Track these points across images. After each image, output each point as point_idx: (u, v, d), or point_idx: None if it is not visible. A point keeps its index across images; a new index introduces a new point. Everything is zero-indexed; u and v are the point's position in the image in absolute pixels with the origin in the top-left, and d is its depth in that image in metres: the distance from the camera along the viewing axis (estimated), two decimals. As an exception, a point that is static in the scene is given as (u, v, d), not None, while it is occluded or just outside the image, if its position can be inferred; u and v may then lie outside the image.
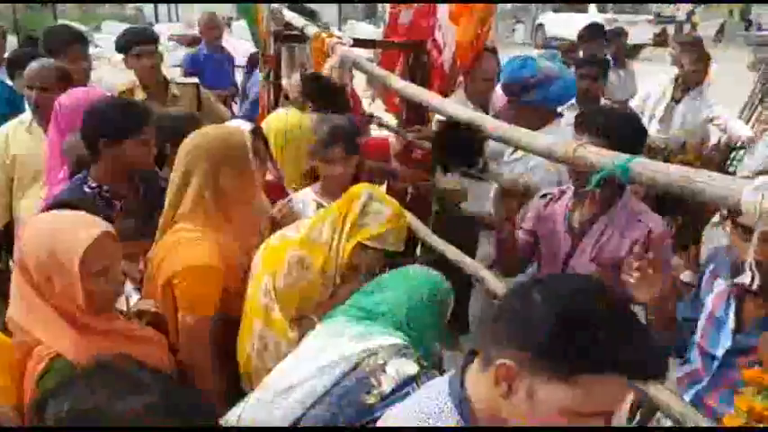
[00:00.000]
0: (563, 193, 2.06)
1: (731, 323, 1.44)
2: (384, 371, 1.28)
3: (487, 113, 3.21)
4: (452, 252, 2.23)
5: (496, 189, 2.10)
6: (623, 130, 1.77)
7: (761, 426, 1.15)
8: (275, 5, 3.37)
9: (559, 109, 3.51)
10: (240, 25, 16.42)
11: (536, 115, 2.45)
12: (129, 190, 2.07)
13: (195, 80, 3.51)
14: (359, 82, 3.27)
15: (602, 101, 3.47)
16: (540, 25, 20.85)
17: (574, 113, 3.37)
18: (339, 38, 3.01)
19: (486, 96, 3.24)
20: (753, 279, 1.16)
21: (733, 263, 1.48)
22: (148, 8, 20.39)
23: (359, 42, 3.20)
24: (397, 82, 2.41)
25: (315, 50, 3.06)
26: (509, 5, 22.95)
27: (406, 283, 1.49)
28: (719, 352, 1.44)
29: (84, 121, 1.99)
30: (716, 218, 3.01)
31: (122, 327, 1.52)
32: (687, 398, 1.48)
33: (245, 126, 2.31)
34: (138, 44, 3.15)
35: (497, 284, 2.00)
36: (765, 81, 3.90)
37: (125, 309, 1.74)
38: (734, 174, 3.01)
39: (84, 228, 1.38)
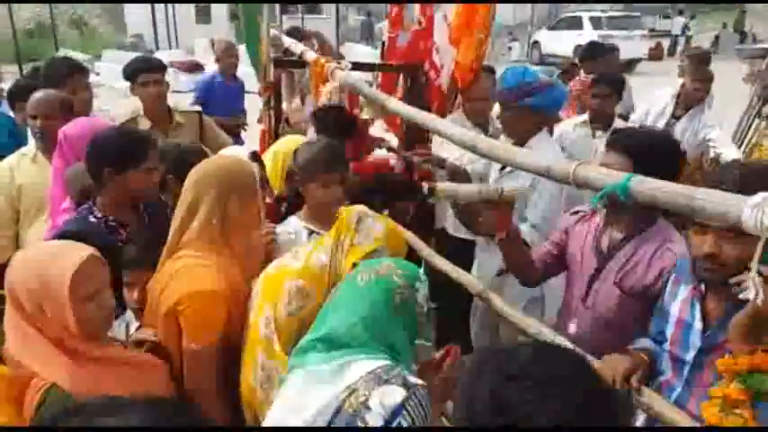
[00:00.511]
0: (595, 212, 2.02)
1: (698, 324, 1.46)
2: (368, 407, 1.23)
3: (486, 132, 3.26)
4: (456, 272, 2.24)
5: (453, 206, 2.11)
6: (652, 153, 1.72)
7: (736, 411, 1.16)
8: (275, 32, 3.42)
9: (566, 123, 3.57)
10: (239, 50, 16.70)
11: (534, 120, 2.50)
12: (135, 220, 2.08)
13: (198, 108, 3.54)
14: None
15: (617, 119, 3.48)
16: (536, 43, 21.15)
17: (584, 129, 3.46)
18: (338, 62, 3.05)
19: (485, 115, 3.28)
20: (756, 294, 1.15)
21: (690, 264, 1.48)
22: (148, 35, 20.66)
23: (357, 66, 3.24)
24: (396, 104, 2.43)
25: (314, 75, 3.10)
26: (509, 23, 23.24)
27: (359, 299, 1.39)
28: (690, 354, 1.46)
29: (89, 151, 2.01)
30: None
31: (116, 353, 1.52)
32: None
33: (242, 152, 2.33)
34: (145, 72, 3.19)
35: (502, 305, 2.01)
36: (762, 94, 3.92)
37: (124, 338, 1.74)
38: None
39: (71, 253, 1.40)
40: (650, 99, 4.24)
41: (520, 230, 2.14)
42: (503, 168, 2.56)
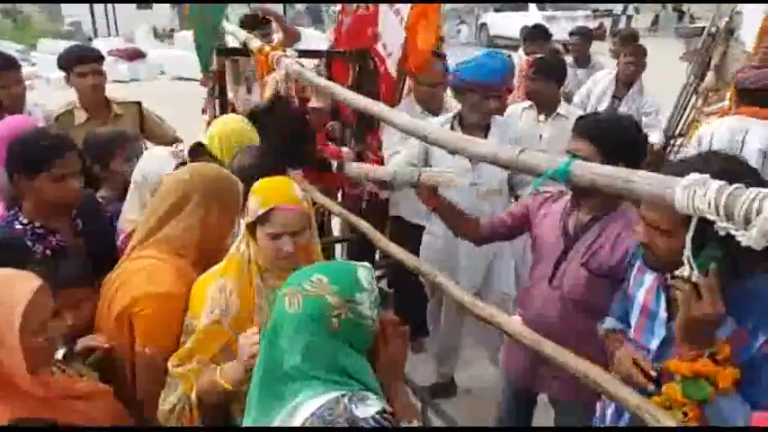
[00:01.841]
0: (562, 194, 2.07)
1: (663, 313, 1.48)
2: None
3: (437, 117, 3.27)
4: (410, 259, 2.25)
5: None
6: (617, 140, 1.79)
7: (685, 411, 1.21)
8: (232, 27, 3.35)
9: (513, 107, 3.63)
10: (182, 36, 16.17)
11: None
12: (67, 226, 1.94)
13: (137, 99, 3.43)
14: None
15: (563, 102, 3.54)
16: (483, 25, 21.32)
17: (531, 113, 3.51)
18: (283, 50, 2.99)
19: (436, 101, 3.28)
20: (691, 271, 1.20)
21: None
22: (86, 23, 19.76)
23: (304, 53, 3.19)
24: (342, 91, 2.41)
25: (259, 63, 3.04)
26: (453, 6, 23.31)
27: (293, 331, 1.22)
28: (655, 343, 1.48)
29: (6, 155, 1.88)
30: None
31: (63, 385, 1.41)
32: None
33: (164, 153, 2.25)
34: (82, 62, 3.05)
35: (455, 289, 2.03)
36: (697, 72, 4.08)
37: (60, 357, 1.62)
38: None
39: (19, 284, 1.28)
40: (592, 80, 4.34)
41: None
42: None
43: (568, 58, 4.81)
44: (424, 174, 2.07)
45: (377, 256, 3.63)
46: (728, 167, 1.23)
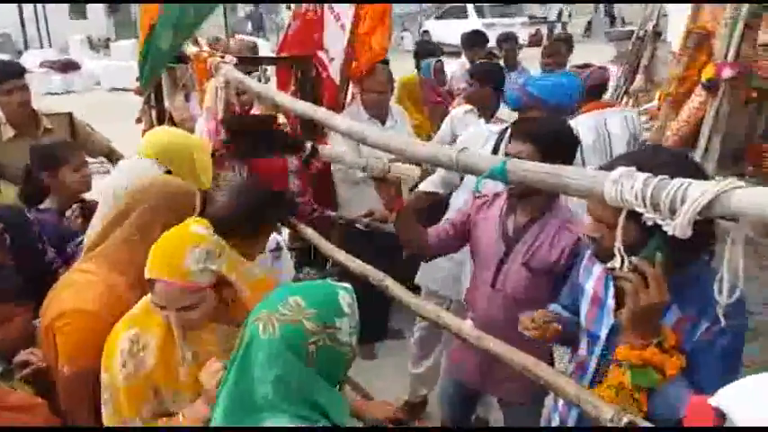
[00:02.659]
0: (497, 197, 2.09)
1: (611, 302, 1.51)
2: None
3: (383, 124, 3.29)
4: (356, 264, 2.24)
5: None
6: (554, 140, 1.85)
7: (633, 398, 1.24)
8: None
9: (454, 111, 3.68)
10: (118, 46, 15.67)
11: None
12: None
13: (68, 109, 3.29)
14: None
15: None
16: (426, 32, 21.67)
17: (473, 117, 3.56)
18: (222, 56, 2.94)
19: (382, 107, 3.31)
20: (622, 262, 1.24)
21: None
22: (17, 33, 18.87)
23: (244, 59, 3.15)
24: (283, 98, 2.38)
25: (197, 71, 2.97)
26: (396, 13, 23.60)
27: (265, 359, 1.14)
28: (604, 332, 1.51)
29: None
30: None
31: None
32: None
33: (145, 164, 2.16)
34: (6, 79, 2.92)
35: (403, 293, 2.03)
36: (628, 74, 4.26)
37: None
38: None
39: None
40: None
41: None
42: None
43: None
44: (393, 166, 1.97)
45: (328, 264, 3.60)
46: (653, 160, 1.27)
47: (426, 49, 5.04)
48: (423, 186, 2.89)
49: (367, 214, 2.47)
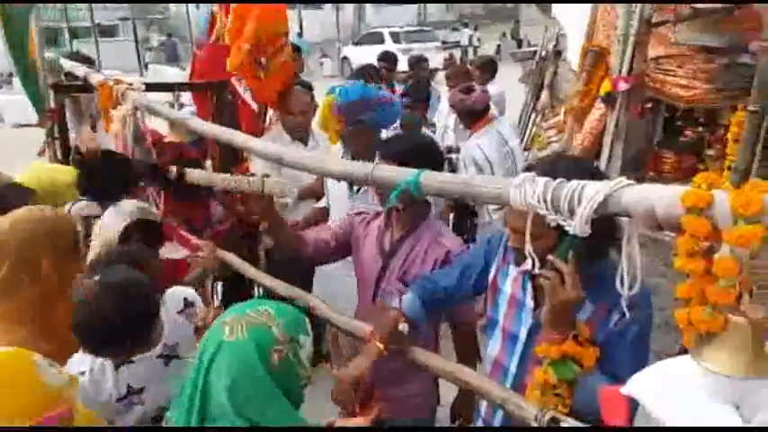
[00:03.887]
0: (378, 214, 2.12)
1: (530, 302, 1.56)
2: None
3: (306, 145, 3.28)
4: (282, 286, 2.21)
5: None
6: (417, 157, 1.83)
7: (557, 393, 1.29)
8: (50, 55, 3.09)
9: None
10: (21, 79, 14.79)
11: (374, 135, 2.57)
12: None
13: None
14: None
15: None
16: (345, 58, 21.99)
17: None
18: (129, 83, 2.85)
19: (304, 129, 3.31)
20: (533, 264, 1.29)
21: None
22: None
23: (153, 86, 3.06)
24: (197, 123, 2.34)
25: (102, 99, 2.86)
26: (315, 40, 23.84)
27: (224, 359, 1.12)
28: (523, 332, 1.56)
29: None
30: (486, 218, 3.42)
31: None
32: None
33: None
34: None
35: (332, 313, 2.01)
36: (534, 92, 4.49)
37: None
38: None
39: None
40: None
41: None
42: (352, 187, 2.57)
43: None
44: (267, 180, 1.96)
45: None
46: (556, 166, 1.34)
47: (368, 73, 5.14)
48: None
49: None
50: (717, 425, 0.89)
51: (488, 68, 5.30)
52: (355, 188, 2.58)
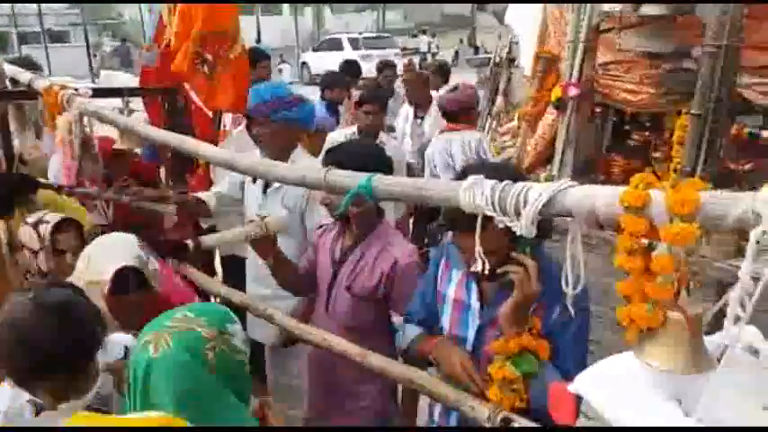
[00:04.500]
0: (335, 224, 2.11)
1: (476, 304, 1.59)
2: None
3: None
4: (239, 296, 2.17)
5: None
6: (363, 163, 1.76)
7: (514, 388, 1.31)
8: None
9: (334, 135, 3.74)
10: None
11: (290, 134, 2.50)
12: None
13: None
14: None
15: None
16: (305, 63, 21.93)
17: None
18: (75, 89, 2.76)
19: None
20: (483, 265, 1.30)
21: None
22: None
23: (101, 92, 2.97)
24: (146, 129, 2.28)
25: (48, 106, 2.76)
26: (273, 46, 23.70)
27: (162, 377, 1.08)
28: (471, 333, 1.59)
29: None
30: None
31: None
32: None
33: None
34: None
35: (283, 318, 1.99)
36: (489, 97, 4.56)
37: None
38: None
39: None
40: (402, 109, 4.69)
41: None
42: (266, 187, 2.52)
43: None
44: (268, 219, 2.01)
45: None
46: (499, 170, 1.38)
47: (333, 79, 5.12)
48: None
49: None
50: (660, 420, 0.91)
51: (442, 73, 5.41)
52: (268, 190, 2.52)
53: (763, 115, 3.03)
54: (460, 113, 3.65)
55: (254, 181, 2.52)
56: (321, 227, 2.19)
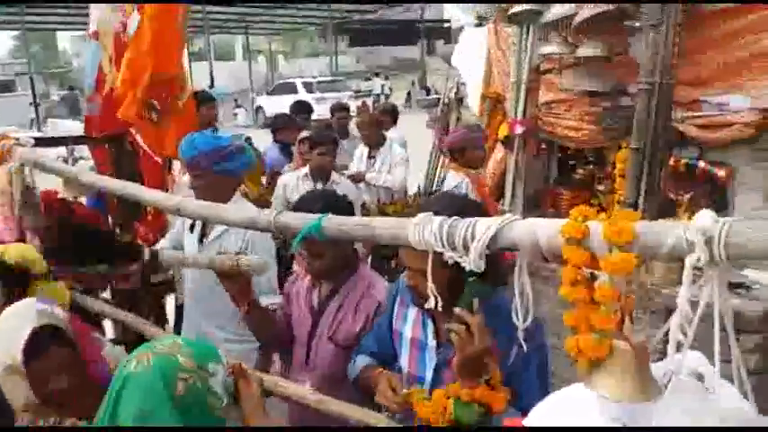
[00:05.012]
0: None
1: (432, 342, 1.56)
2: None
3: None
4: (149, 330, 2.07)
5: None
6: (315, 207, 1.77)
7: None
8: None
9: (286, 177, 3.73)
10: None
11: (230, 184, 2.44)
12: None
13: None
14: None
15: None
16: (260, 107, 22.01)
17: (307, 182, 3.63)
18: (17, 139, 2.68)
19: None
20: (436, 302, 1.30)
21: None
22: None
23: (44, 141, 2.90)
24: (90, 176, 2.22)
25: (-15, 155, 2.66)
26: (227, 91, 23.75)
27: (128, 392, 1.10)
28: (428, 373, 1.56)
29: None
30: None
31: None
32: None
33: None
34: None
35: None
36: (440, 135, 4.66)
37: None
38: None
39: None
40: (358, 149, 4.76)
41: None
42: (203, 236, 2.44)
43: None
44: (243, 259, 1.78)
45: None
46: (451, 205, 1.38)
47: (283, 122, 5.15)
48: None
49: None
50: (613, 450, 0.91)
51: (391, 115, 5.53)
52: (205, 240, 2.42)
53: (699, 147, 3.20)
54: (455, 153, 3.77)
55: (191, 230, 2.44)
56: (291, 275, 2.11)
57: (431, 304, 1.30)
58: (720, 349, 0.86)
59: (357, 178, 4.40)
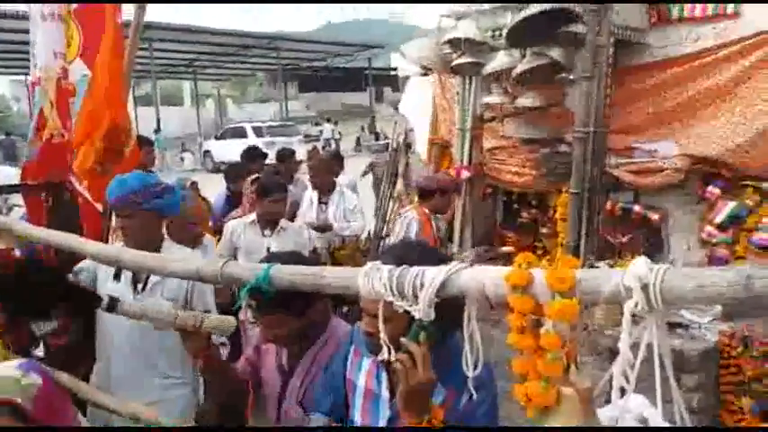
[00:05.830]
0: None
1: (385, 393, 1.53)
2: None
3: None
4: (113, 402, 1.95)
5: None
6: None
7: None
8: None
9: (233, 224, 3.66)
10: None
11: (159, 223, 2.38)
12: None
13: None
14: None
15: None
16: (208, 152, 21.73)
17: (254, 228, 3.56)
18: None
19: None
20: (389, 352, 1.28)
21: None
22: None
23: (-26, 190, 2.76)
24: (24, 227, 2.12)
25: None
26: (175, 135, 23.41)
27: None
28: (382, 423, 1.52)
29: None
30: None
31: None
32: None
33: None
34: None
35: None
36: (389, 180, 4.73)
37: None
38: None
39: None
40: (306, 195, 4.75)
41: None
42: (138, 286, 2.30)
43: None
44: (207, 320, 1.68)
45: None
46: (405, 253, 1.38)
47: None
48: None
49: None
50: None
51: (338, 161, 5.57)
52: (140, 287, 2.29)
53: (634, 191, 3.37)
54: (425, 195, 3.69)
55: (117, 278, 2.27)
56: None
57: (384, 355, 1.29)
58: (664, 390, 0.89)
59: (324, 228, 4.38)
